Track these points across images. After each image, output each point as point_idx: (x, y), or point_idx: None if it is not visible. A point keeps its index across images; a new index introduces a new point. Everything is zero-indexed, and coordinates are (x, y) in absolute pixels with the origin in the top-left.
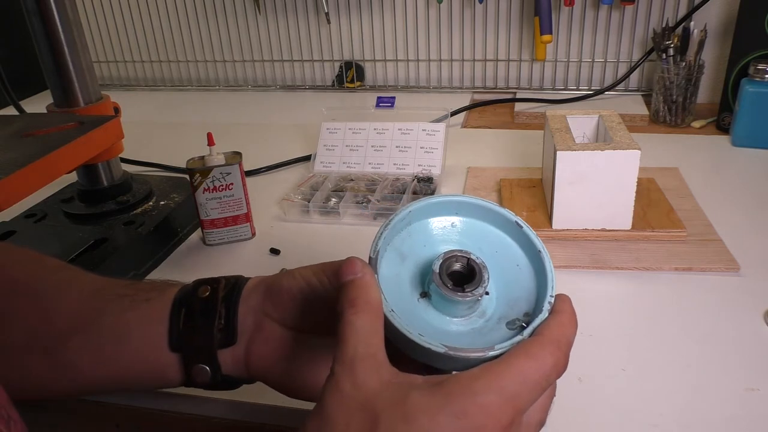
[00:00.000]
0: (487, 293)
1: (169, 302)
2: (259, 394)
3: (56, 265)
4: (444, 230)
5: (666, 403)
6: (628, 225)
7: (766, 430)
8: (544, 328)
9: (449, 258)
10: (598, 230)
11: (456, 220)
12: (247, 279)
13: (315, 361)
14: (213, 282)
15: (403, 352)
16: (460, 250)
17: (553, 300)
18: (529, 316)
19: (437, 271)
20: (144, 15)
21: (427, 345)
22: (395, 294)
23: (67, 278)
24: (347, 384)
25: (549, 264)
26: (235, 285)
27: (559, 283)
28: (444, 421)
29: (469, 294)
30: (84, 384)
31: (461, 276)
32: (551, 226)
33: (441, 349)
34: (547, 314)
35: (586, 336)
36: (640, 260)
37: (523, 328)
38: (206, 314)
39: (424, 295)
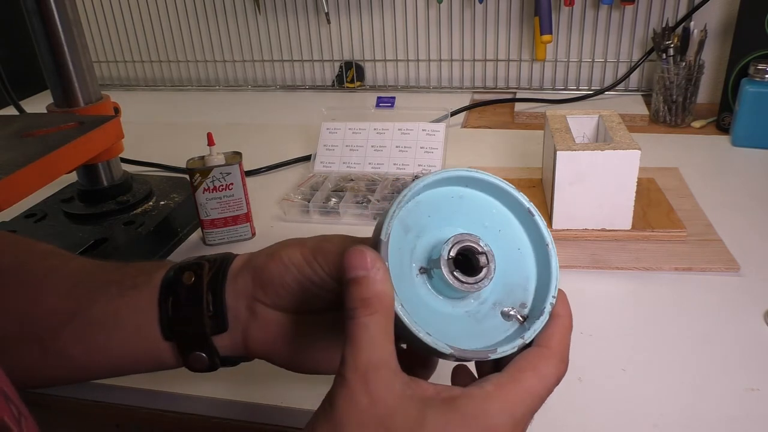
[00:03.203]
0: None
1: (156, 288)
2: (259, 394)
3: (45, 251)
4: (451, 201)
5: (666, 403)
6: (628, 225)
7: (766, 430)
8: (548, 339)
9: (457, 243)
10: (598, 230)
11: (464, 191)
12: (233, 258)
13: (316, 338)
14: (197, 267)
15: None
16: (470, 235)
17: (555, 301)
18: (525, 308)
19: (445, 257)
20: (144, 15)
21: (434, 345)
22: (395, 267)
23: (54, 265)
24: (363, 396)
25: (555, 261)
26: (219, 268)
27: (559, 283)
28: None
29: (474, 286)
30: (80, 372)
31: (466, 259)
32: (551, 226)
33: (447, 351)
34: (548, 316)
35: (586, 336)
36: (640, 260)
37: (519, 322)
38: (194, 303)
39: (424, 271)
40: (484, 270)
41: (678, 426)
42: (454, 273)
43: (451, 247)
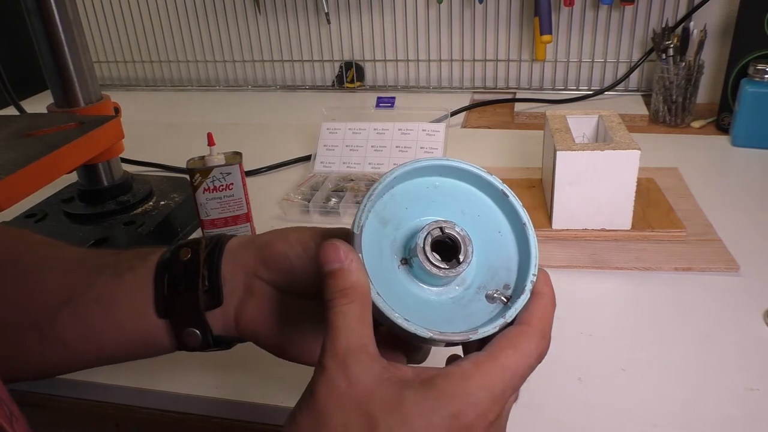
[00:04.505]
0: None
1: (152, 268)
2: (259, 394)
3: (39, 241)
4: (427, 191)
5: (666, 403)
6: (627, 225)
7: (766, 430)
8: (529, 316)
9: (433, 230)
10: (598, 230)
11: (439, 180)
12: (230, 237)
13: (308, 324)
14: (194, 244)
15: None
16: (445, 221)
17: (535, 279)
18: (509, 289)
19: (421, 245)
20: (144, 15)
21: (413, 330)
22: (375, 261)
23: (50, 253)
24: (342, 380)
25: (533, 239)
26: (216, 244)
27: (559, 283)
28: (439, 423)
29: (452, 271)
30: (75, 358)
31: (445, 246)
32: (551, 226)
33: (427, 335)
34: (529, 295)
35: (586, 336)
36: (640, 260)
37: (503, 303)
38: (189, 277)
39: (405, 262)
40: (462, 254)
41: (678, 426)
42: (431, 260)
43: (426, 235)
